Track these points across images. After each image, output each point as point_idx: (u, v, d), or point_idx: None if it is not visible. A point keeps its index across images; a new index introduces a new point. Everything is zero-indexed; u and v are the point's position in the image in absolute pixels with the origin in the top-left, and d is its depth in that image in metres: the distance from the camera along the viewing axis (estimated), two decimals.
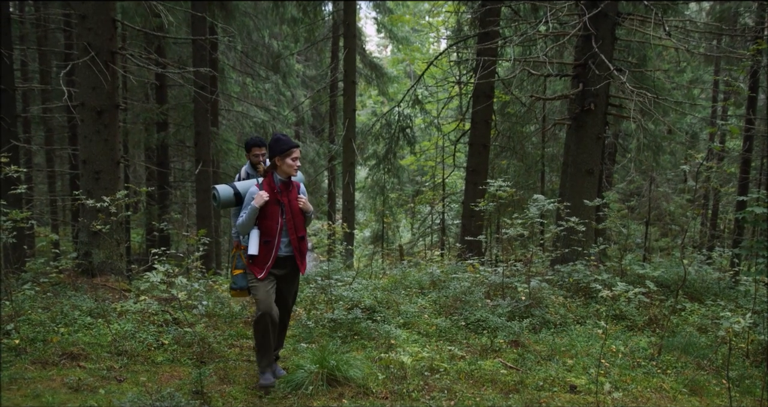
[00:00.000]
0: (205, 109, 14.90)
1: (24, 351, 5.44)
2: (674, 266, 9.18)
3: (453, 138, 15.58)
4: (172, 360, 5.62)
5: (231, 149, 18.19)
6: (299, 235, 5.05)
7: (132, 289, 7.76)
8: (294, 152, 4.89)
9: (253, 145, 6.15)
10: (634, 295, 6.75)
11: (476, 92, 13.08)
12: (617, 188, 19.70)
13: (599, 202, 9.07)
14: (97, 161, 8.24)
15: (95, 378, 5.00)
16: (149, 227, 17.04)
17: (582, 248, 9.00)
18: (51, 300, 6.75)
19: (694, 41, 12.18)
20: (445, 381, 5.22)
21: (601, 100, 9.56)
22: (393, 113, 16.05)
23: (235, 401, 4.71)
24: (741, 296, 8.11)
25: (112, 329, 6.03)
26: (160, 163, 17.69)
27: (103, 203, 7.23)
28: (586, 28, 9.14)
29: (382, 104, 30.95)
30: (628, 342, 6.52)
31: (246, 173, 6.18)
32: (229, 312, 7.08)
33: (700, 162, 7.02)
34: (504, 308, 6.99)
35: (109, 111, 8.29)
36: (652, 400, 5.02)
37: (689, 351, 6.18)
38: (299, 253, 5.10)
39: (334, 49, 19.27)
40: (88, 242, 8.18)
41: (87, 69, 8.09)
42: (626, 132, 16.47)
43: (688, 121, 18.38)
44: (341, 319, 6.53)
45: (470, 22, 14.77)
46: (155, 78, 16.45)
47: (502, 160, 16.96)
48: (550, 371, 5.54)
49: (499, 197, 8.01)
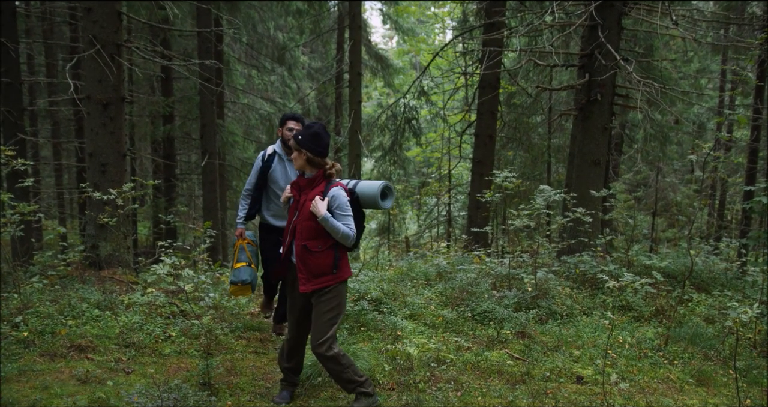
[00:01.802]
0: (211, 101, 14.91)
1: (32, 344, 5.48)
2: (681, 256, 9.15)
3: (459, 129, 15.54)
4: (179, 351, 5.65)
5: (237, 141, 18.20)
6: (302, 243, 4.27)
7: (139, 281, 7.78)
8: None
9: (289, 118, 5.88)
10: (641, 286, 6.72)
11: (482, 83, 13.03)
12: (624, 179, 19.64)
13: (606, 193, 9.04)
14: (104, 153, 8.25)
15: (103, 370, 5.03)
16: (156, 219, 17.08)
17: (588, 239, 8.98)
18: (59, 293, 6.78)
19: (701, 31, 12.10)
20: (452, 372, 5.23)
21: (608, 90, 9.52)
22: (399, 104, 16.01)
23: (242, 392, 4.73)
24: (748, 287, 8.08)
25: (119, 321, 6.06)
26: (166, 155, 17.71)
27: (110, 196, 7.25)
28: (592, 17, 9.09)
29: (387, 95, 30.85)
30: (635, 332, 6.52)
31: (274, 151, 5.87)
32: (236, 304, 7.11)
33: (707, 152, 6.98)
34: (510, 299, 6.99)
35: (115, 104, 8.29)
36: (659, 391, 5.02)
37: (696, 341, 6.17)
38: (301, 263, 4.29)
39: (340, 41, 19.19)
40: (95, 235, 8.21)
41: (92, 62, 8.08)
42: (633, 122, 16.40)
43: (696, 111, 18.28)
44: (348, 311, 6.53)
45: (476, 13, 14.71)
46: (161, 70, 16.44)
47: (509, 151, 16.93)
48: (556, 362, 5.54)
49: (505, 188, 8.00)
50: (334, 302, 4.29)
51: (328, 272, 4.26)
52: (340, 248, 4.32)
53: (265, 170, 5.79)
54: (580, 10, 9.93)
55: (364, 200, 4.47)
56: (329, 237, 4.26)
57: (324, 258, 4.25)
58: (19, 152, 9.20)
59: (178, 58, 12.50)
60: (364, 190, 4.46)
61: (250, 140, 20.26)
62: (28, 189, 10.23)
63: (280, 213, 5.81)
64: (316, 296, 4.29)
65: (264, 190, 5.86)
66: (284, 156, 5.80)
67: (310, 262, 4.23)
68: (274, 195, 5.85)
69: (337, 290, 4.31)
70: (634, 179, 20.14)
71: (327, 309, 4.27)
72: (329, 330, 4.26)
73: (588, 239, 8.96)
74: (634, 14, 9.85)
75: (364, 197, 4.46)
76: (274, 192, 5.84)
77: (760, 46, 10.53)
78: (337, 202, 4.22)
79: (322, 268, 4.25)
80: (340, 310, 4.34)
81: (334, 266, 4.25)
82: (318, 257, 4.23)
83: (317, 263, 4.23)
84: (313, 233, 4.23)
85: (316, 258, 4.23)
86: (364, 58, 18.86)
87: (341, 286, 4.35)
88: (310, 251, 4.23)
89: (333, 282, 4.27)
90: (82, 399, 4.42)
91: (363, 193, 4.47)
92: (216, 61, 13.41)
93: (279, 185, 5.79)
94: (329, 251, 4.27)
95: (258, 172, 5.81)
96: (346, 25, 17.07)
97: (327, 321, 4.26)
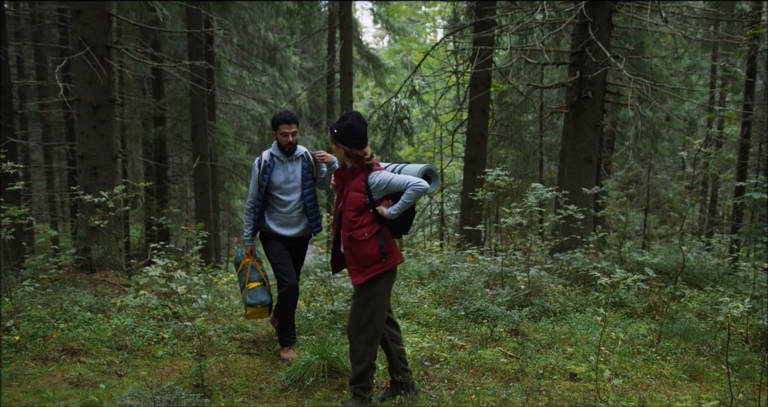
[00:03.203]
0: (202, 102, 14.88)
1: (24, 347, 5.45)
2: (673, 252, 9.18)
3: (451, 128, 15.55)
4: (172, 353, 5.63)
5: (229, 142, 18.18)
6: (348, 234, 4.28)
7: (131, 284, 7.76)
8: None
9: (281, 121, 5.36)
10: (634, 282, 6.77)
11: (473, 82, 13.04)
12: (616, 176, 19.70)
13: (598, 190, 9.06)
14: (95, 156, 8.22)
15: (96, 373, 5.00)
16: (148, 221, 17.04)
17: (581, 237, 9.00)
18: (50, 296, 6.75)
19: (691, 27, 12.16)
20: (446, 370, 5.23)
21: (599, 87, 9.54)
22: (390, 104, 16.03)
23: (235, 394, 4.72)
24: (740, 282, 8.12)
25: (111, 324, 6.04)
26: (157, 157, 17.67)
27: (101, 199, 7.22)
28: (582, 15, 9.10)
29: (379, 95, 30.87)
30: (628, 329, 6.54)
31: (270, 155, 5.46)
32: (229, 305, 7.09)
33: (698, 148, 7.01)
34: (503, 297, 7.00)
35: (106, 106, 8.26)
36: (651, 386, 5.03)
37: (689, 337, 6.20)
38: (350, 254, 4.30)
39: (331, 41, 19.20)
40: (86, 238, 8.18)
41: (82, 64, 8.05)
42: (624, 119, 16.46)
43: (686, 107, 18.35)
44: (341, 311, 6.53)
45: (466, 12, 14.73)
46: (151, 72, 16.40)
47: (500, 149, 16.95)
48: (550, 359, 5.55)
49: (497, 187, 8.00)
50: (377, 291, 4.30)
51: (378, 261, 4.25)
52: (385, 234, 4.32)
53: (264, 177, 5.42)
54: (571, 7, 9.96)
55: None
56: (374, 224, 4.26)
57: (371, 247, 4.23)
58: (10, 156, 9.17)
59: (168, 60, 12.45)
60: (408, 173, 4.38)
61: (241, 141, 20.25)
62: (19, 193, 10.19)
63: (287, 221, 5.49)
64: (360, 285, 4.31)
65: (267, 198, 5.51)
66: (283, 158, 5.45)
67: (357, 252, 4.24)
68: (278, 203, 5.49)
69: (386, 278, 4.32)
70: (625, 176, 20.19)
71: (370, 301, 4.29)
72: (371, 322, 4.28)
73: (580, 236, 8.99)
74: (624, 11, 9.88)
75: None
76: (277, 200, 5.48)
77: (749, 42, 10.58)
78: (377, 179, 4.24)
79: (372, 257, 4.24)
80: (382, 300, 4.33)
81: (381, 254, 4.24)
82: (365, 245, 4.23)
83: (365, 253, 4.23)
84: (358, 223, 4.25)
85: (363, 247, 4.23)
86: (355, 57, 18.88)
87: (391, 274, 4.36)
88: (356, 241, 4.24)
89: (383, 270, 4.27)
90: (75, 402, 4.40)
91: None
92: (207, 62, 13.40)
93: (282, 189, 5.44)
94: (374, 238, 4.26)
95: (257, 181, 5.44)
96: (337, 25, 17.09)
97: (366, 307, 4.28)
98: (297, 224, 5.52)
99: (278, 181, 5.42)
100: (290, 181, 5.44)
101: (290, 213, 5.48)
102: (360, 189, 4.26)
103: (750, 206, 6.14)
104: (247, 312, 5.41)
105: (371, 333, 4.29)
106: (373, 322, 4.28)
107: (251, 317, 5.47)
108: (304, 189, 5.49)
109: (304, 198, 5.50)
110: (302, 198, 5.49)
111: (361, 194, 4.25)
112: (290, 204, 5.47)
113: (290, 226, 5.51)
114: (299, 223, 5.53)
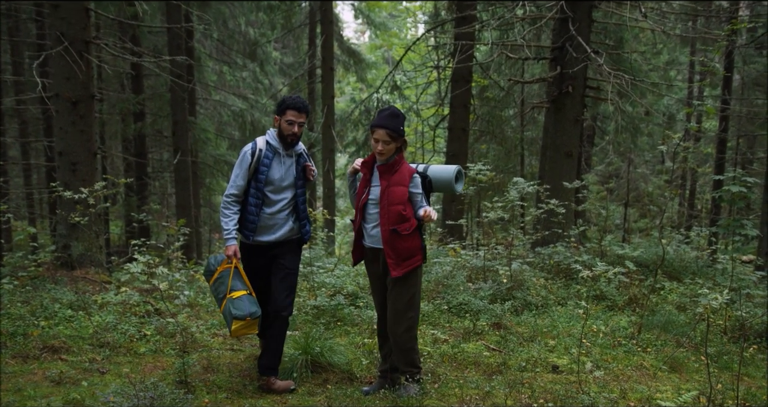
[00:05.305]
0: (182, 98, 14.77)
1: (4, 346, 5.39)
2: (653, 246, 9.28)
3: (432, 123, 15.56)
4: (154, 350, 5.60)
5: (209, 138, 18.06)
6: (391, 228, 4.26)
7: (112, 281, 7.70)
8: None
9: (291, 106, 4.54)
10: (614, 275, 6.83)
11: (454, 77, 13.06)
12: (596, 170, 19.85)
13: (578, 184, 9.13)
14: (74, 152, 8.14)
15: (77, 371, 4.97)
16: (128, 218, 16.88)
17: (562, 230, 9.07)
18: (30, 294, 6.68)
19: (669, 23, 12.25)
20: (429, 364, 5.25)
21: (579, 82, 9.60)
22: (372, 99, 16.00)
23: (219, 390, 4.70)
24: (718, 274, 8.22)
25: (93, 321, 5.99)
26: (137, 153, 17.51)
27: (81, 195, 7.16)
28: (562, 10, 9.15)
29: (360, 90, 30.81)
30: (609, 321, 6.60)
31: (267, 143, 4.62)
32: (212, 302, 7.06)
33: (677, 143, 7.08)
34: (486, 291, 7.03)
35: (85, 102, 8.18)
36: (633, 378, 5.09)
37: (668, 329, 6.27)
38: (390, 248, 4.28)
39: (312, 36, 19.13)
40: (66, 235, 8.10)
41: (61, 59, 7.96)
42: (604, 114, 16.56)
43: (665, 102, 18.51)
44: (324, 306, 6.53)
45: (447, 7, 14.74)
46: (131, 67, 16.23)
47: (482, 144, 17.01)
48: (532, 352, 5.59)
49: (479, 181, 8.03)
50: (415, 281, 4.40)
51: (417, 254, 4.35)
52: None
53: (262, 170, 4.56)
54: (551, 3, 10.00)
55: (436, 184, 4.52)
56: (414, 219, 4.33)
57: (413, 241, 4.32)
58: None
59: (148, 55, 12.35)
60: (437, 174, 4.50)
61: (222, 137, 20.11)
62: None
63: (270, 223, 4.66)
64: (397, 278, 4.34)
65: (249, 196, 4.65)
66: (281, 150, 4.63)
67: (399, 246, 4.28)
68: (264, 202, 4.64)
69: (419, 271, 4.44)
70: (606, 170, 20.36)
71: (409, 291, 4.36)
72: (410, 311, 4.37)
73: (562, 230, 9.05)
74: (603, 7, 9.95)
75: (438, 181, 4.51)
76: (265, 198, 4.63)
77: (726, 37, 10.69)
78: (414, 181, 4.37)
79: (412, 250, 4.32)
80: (418, 289, 4.45)
81: (423, 247, 4.37)
82: (407, 240, 4.29)
83: (407, 247, 4.29)
84: (402, 217, 4.28)
85: (406, 241, 4.28)
86: (336, 53, 18.83)
87: (421, 267, 4.49)
88: (399, 235, 4.27)
89: (419, 263, 4.39)
90: (57, 400, 4.36)
91: (436, 177, 4.51)
92: (187, 57, 13.26)
93: (275, 186, 4.63)
94: (416, 232, 4.35)
95: (247, 171, 4.56)
96: (318, 20, 17.03)
97: (407, 301, 4.36)
98: (281, 226, 4.68)
99: (274, 177, 4.61)
100: (285, 178, 4.65)
101: (276, 214, 4.64)
102: (404, 183, 4.31)
103: (728, 200, 6.21)
104: (233, 327, 4.41)
105: (411, 321, 4.39)
106: (412, 310, 4.38)
107: (238, 333, 4.48)
108: (297, 189, 4.74)
109: (296, 198, 4.75)
110: (294, 198, 4.73)
111: (405, 189, 4.31)
112: (279, 204, 4.64)
113: (272, 230, 4.67)
114: (284, 225, 4.68)
